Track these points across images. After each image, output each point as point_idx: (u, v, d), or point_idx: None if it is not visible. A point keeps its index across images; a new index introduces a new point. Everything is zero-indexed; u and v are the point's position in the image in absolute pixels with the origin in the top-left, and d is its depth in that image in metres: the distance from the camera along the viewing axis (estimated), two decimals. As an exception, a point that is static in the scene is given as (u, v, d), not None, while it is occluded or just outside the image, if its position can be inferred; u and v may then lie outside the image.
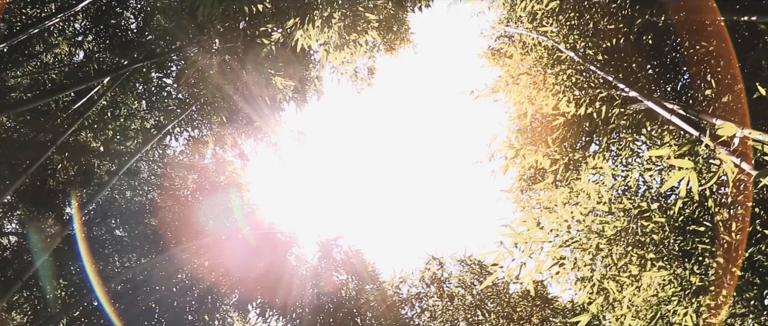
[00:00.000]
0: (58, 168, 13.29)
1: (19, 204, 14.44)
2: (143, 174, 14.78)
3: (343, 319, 14.66)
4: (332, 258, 15.56)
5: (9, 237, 15.46)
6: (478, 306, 13.51)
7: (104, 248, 13.69)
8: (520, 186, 11.15)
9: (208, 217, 14.56)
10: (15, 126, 12.93)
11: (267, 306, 14.82)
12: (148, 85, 12.89)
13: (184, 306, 13.91)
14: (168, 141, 14.43)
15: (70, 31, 12.70)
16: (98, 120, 13.43)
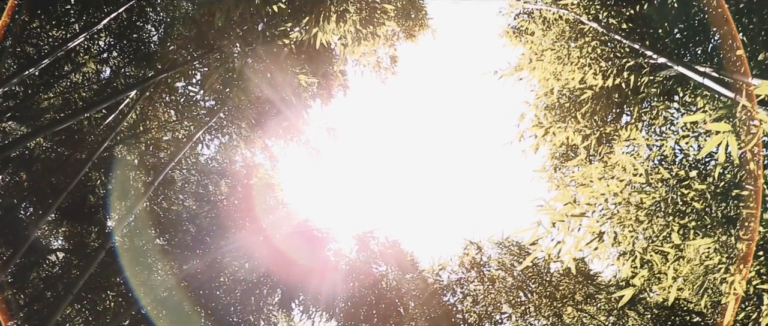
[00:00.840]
0: (96, 183, 13.61)
1: (63, 221, 14.87)
2: (178, 183, 15.02)
3: (385, 310, 14.71)
4: (370, 251, 15.60)
5: (56, 254, 15.96)
6: (520, 287, 13.39)
7: (146, 257, 13.99)
8: (553, 164, 10.98)
9: (244, 220, 14.73)
10: (52, 146, 13.28)
11: (310, 302, 14.96)
12: (174, 95, 13.07)
13: (229, 308, 14.14)
14: (199, 149, 14.63)
15: (96, 49, 12.93)
16: (130, 134, 13.69)
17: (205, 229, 14.48)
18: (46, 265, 15.10)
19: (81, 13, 11.56)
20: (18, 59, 12.49)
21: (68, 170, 12.18)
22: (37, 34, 12.58)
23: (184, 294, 13.78)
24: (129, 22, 11.98)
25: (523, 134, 10.66)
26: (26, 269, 14.54)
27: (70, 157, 12.86)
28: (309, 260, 14.73)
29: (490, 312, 13.76)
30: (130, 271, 13.91)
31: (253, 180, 15.21)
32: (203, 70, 12.45)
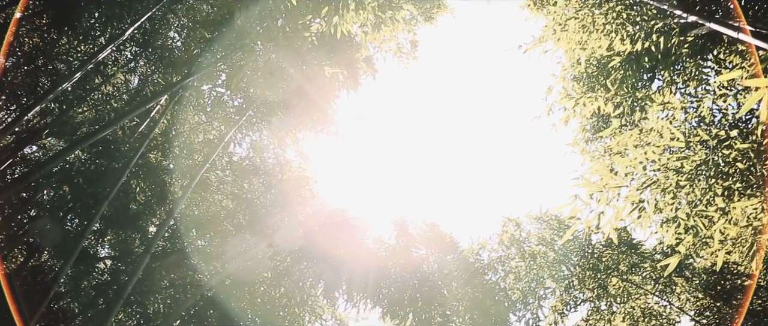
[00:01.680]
0: (135, 191, 13.92)
1: (108, 229, 15.28)
2: (214, 184, 15.25)
3: (429, 293, 14.73)
4: (409, 235, 15.61)
5: (104, 261, 16.43)
6: (562, 261, 13.26)
7: (190, 259, 14.28)
8: (584, 136, 10.77)
9: (282, 215, 14.89)
10: (89, 158, 13.61)
11: (353, 290, 15.07)
12: (202, 97, 13.24)
13: (274, 302, 14.35)
14: (232, 148, 14.80)
15: (123, 60, 13.16)
16: (163, 139, 13.93)
17: (244, 227, 14.68)
18: (95, 273, 15.56)
19: (105, 26, 11.75)
20: (50, 76, 12.80)
21: (108, 180, 12.46)
22: (66, 51, 12.86)
23: (230, 292, 14.04)
24: (152, 30, 12.13)
25: (551, 107, 10.46)
26: (78, 278, 15.01)
27: (108, 167, 13.15)
28: (349, 249, 14.82)
29: (534, 288, 13.67)
30: (175, 273, 14.24)
31: (286, 175, 15.33)
32: (228, 71, 12.55)
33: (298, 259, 14.52)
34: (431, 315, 14.67)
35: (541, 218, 13.73)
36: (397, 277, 14.80)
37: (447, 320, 14.60)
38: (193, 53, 12.43)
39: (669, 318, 11.98)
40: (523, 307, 13.71)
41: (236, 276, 14.02)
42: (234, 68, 12.19)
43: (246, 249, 13.98)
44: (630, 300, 12.08)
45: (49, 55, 12.83)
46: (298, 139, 14.94)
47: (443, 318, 14.60)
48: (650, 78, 8.57)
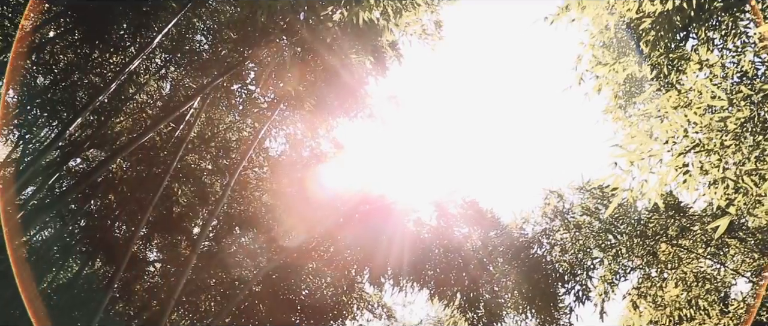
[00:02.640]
0: (178, 194, 14.24)
1: (154, 233, 15.69)
2: (252, 182, 15.45)
3: (475, 271, 14.67)
4: (450, 215, 15.52)
5: (154, 265, 16.93)
6: (608, 229, 13.00)
7: (234, 257, 14.56)
8: (618, 103, 10.46)
9: (322, 207, 14.99)
10: (131, 165, 13.96)
11: (399, 275, 15.11)
12: (233, 96, 13.38)
13: (322, 291, 14.51)
14: (267, 143, 14.92)
15: (154, 68, 13.37)
16: (199, 141, 14.15)
17: (285, 221, 14.86)
18: (146, 276, 16.06)
19: (134, 36, 11.94)
20: (87, 90, 13.12)
21: (150, 186, 12.76)
22: (99, 64, 13.15)
23: (276, 286, 14.26)
24: (179, 36, 12.28)
25: (582, 77, 10.16)
26: (130, 282, 15.49)
27: (150, 173, 13.45)
28: (391, 234, 14.84)
29: (581, 259, 13.47)
30: (222, 271, 14.53)
31: (323, 166, 15.40)
32: (256, 68, 12.63)
33: (341, 249, 14.61)
34: (479, 292, 14.62)
35: (584, 188, 13.45)
36: (441, 258, 14.77)
37: (495, 296, 14.53)
38: (221, 54, 12.54)
39: (724, 281, 11.63)
40: (571, 279, 13.54)
41: (281, 269, 14.22)
42: (262, 65, 12.26)
43: (289, 242, 14.16)
44: (681, 265, 11.76)
45: (84, 69, 13.14)
46: (331, 129, 14.97)
47: (491, 295, 14.55)
48: (684, 37, 8.23)
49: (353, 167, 15.89)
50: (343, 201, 15.31)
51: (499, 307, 14.18)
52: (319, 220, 14.70)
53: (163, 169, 12.50)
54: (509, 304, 14.37)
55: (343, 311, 14.63)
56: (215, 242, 15.16)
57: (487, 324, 13.99)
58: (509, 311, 14.44)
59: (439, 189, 16.05)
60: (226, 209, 15.34)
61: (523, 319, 14.22)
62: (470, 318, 14.25)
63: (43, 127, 14.65)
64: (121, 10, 10.52)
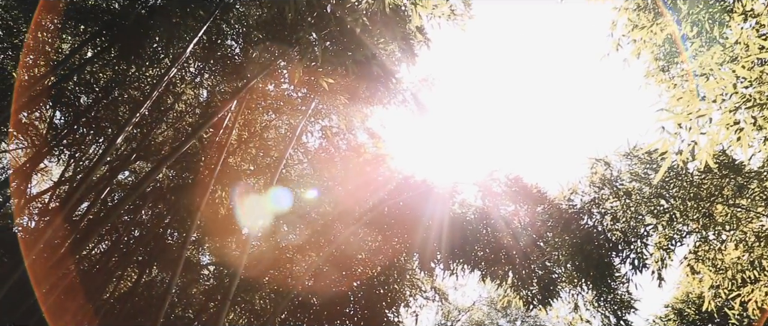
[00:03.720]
0: (223, 197, 14.50)
1: (205, 238, 16.07)
2: (293, 178, 15.62)
3: (525, 248, 14.54)
4: (494, 194, 15.38)
5: (207, 268, 17.35)
6: (659, 195, 12.66)
7: (284, 254, 14.77)
8: (659, 65, 10.10)
9: (365, 199, 15.05)
10: (176, 174, 14.28)
11: (449, 258, 15.08)
12: (267, 96, 13.51)
13: (373, 281, 14.60)
14: (304, 139, 15.03)
15: (189, 76, 13.59)
16: (239, 143, 14.36)
17: (330, 215, 14.98)
18: (201, 280, 16.49)
19: (167, 48, 12.15)
20: (128, 105, 13.45)
21: (196, 191, 13.01)
22: (137, 78, 13.45)
23: (329, 278, 14.41)
24: (210, 42, 12.44)
25: (619, 42, 9.85)
26: (187, 287, 15.92)
27: (195, 179, 13.73)
28: (437, 218, 14.81)
29: (634, 227, 13.18)
30: (274, 269, 14.76)
31: (362, 157, 15.43)
32: (288, 66, 12.70)
33: (389, 237, 14.66)
34: (531, 269, 14.48)
35: (631, 154, 13.10)
36: (489, 238, 14.67)
37: (549, 272, 14.37)
38: (252, 56, 12.64)
39: (788, 238, 11.20)
40: (625, 248, 13.27)
41: (331, 262, 14.36)
42: (293, 62, 12.31)
43: (336, 235, 14.26)
44: (740, 226, 11.37)
45: (123, 84, 13.46)
46: (366, 119, 14.97)
47: (544, 271, 14.39)
48: (726, -11, 7.89)
49: (392, 155, 15.87)
50: (386, 190, 15.33)
51: (553, 282, 14.02)
52: (364, 211, 14.77)
53: (207, 174, 12.72)
54: (563, 278, 14.19)
55: (396, 299, 14.69)
56: (263, 241, 15.42)
57: (542, 301, 13.86)
58: (564, 285, 14.26)
59: (482, 168, 15.90)
60: (272, 208, 15.56)
61: (578, 292, 14.04)
62: (524, 296, 14.14)
63: (90, 144, 15.10)
64: (152, 24, 10.71)
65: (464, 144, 27.94)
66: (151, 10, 11.39)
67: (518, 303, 14.39)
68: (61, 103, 13.67)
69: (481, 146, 36.80)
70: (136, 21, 10.74)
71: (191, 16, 11.14)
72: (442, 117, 27.04)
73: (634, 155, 13.24)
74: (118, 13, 11.27)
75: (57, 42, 12.81)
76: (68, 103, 13.63)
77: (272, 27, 11.48)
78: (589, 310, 13.95)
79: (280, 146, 14.48)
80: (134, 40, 10.67)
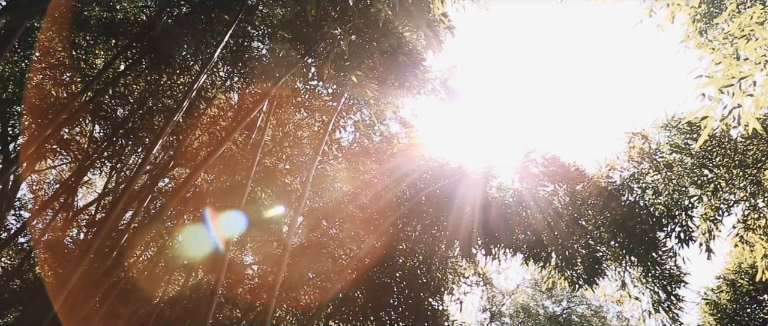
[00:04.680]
0: (261, 197, 14.72)
1: (247, 238, 16.36)
2: (329, 174, 15.73)
3: (566, 227, 14.36)
4: (532, 175, 15.22)
5: (251, 267, 17.68)
6: (702, 164, 12.32)
7: (326, 248, 14.91)
8: (697, 28, 9.76)
9: (403, 190, 15.06)
10: (214, 177, 14.54)
11: (489, 243, 15.00)
12: (297, 95, 13.62)
13: (415, 271, 14.60)
14: (337, 135, 15.10)
15: (219, 81, 13.79)
16: (273, 143, 14.53)
17: (368, 207, 15.04)
18: (246, 279, 16.80)
19: (196, 54, 12.35)
20: (162, 114, 13.73)
21: (235, 193, 13.22)
22: (169, 87, 13.72)
23: (372, 271, 14.48)
24: (237, 46, 12.59)
25: (651, 8, 9.56)
26: (232, 287, 16.24)
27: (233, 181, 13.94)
28: (475, 203, 14.73)
29: (677, 199, 12.87)
30: (317, 264, 14.91)
31: (395, 148, 15.43)
32: (315, 63, 12.76)
33: (428, 226, 14.65)
34: (574, 249, 14.29)
35: (669, 125, 12.77)
36: (530, 220, 14.53)
37: (592, 250, 14.16)
38: (280, 56, 12.74)
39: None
40: (669, 221, 12.97)
41: (373, 255, 14.43)
42: (320, 58, 12.38)
43: (375, 227, 14.32)
44: (791, 191, 10.98)
45: (156, 94, 13.75)
46: (397, 109, 14.95)
47: (588, 250, 14.18)
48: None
49: (426, 143, 15.82)
50: (422, 179, 15.32)
51: (598, 261, 13.81)
52: (401, 202, 14.78)
53: (244, 175, 12.91)
54: (608, 256, 13.96)
55: (439, 287, 14.68)
56: (304, 237, 15.59)
57: (588, 280, 13.67)
58: (609, 263, 14.03)
59: (517, 150, 15.73)
60: (310, 204, 15.74)
61: (624, 269, 13.80)
62: (569, 276, 13.97)
63: (130, 155, 15.48)
64: (179, 33, 10.88)
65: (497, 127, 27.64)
66: (177, 19, 11.58)
67: (563, 284, 14.23)
68: (99, 116, 14.04)
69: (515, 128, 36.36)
70: (164, 31, 10.93)
71: (216, 21, 11.29)
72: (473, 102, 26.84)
73: (672, 126, 12.92)
74: (146, 25, 11.49)
75: (90, 58, 13.15)
76: (106, 116, 13.99)
77: (296, 25, 11.55)
78: (637, 287, 13.70)
79: (314, 143, 14.59)
80: (163, 49, 10.88)
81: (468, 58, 40.04)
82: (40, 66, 12.94)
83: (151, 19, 12.07)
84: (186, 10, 11.60)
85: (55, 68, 12.94)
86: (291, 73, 11.82)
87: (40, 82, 13.13)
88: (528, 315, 25.20)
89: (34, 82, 13.10)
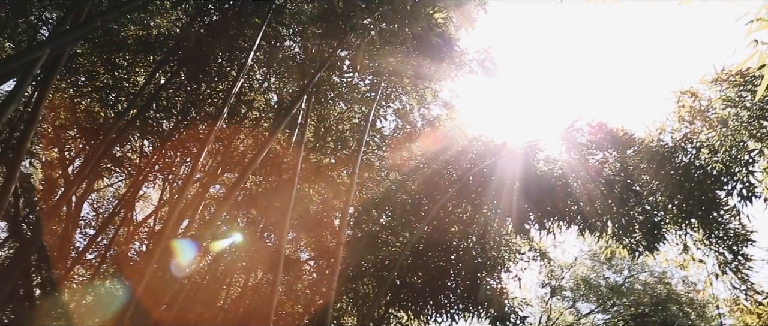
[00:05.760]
0: (310, 194, 14.97)
1: (300, 234, 16.65)
2: (374, 163, 15.78)
3: (620, 195, 14.00)
4: (579, 144, 14.87)
5: (308, 263, 18.00)
6: (760, 116, 11.76)
7: (379, 237, 15.00)
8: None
9: (449, 173, 14.99)
10: (262, 178, 14.85)
11: (542, 218, 14.79)
12: (334, 88, 13.70)
13: (471, 252, 14.52)
14: (379, 124, 15.12)
15: (256, 83, 14.00)
16: (316, 139, 14.68)
17: (417, 192, 15.04)
18: (304, 275, 17.15)
19: (231, 60, 12.56)
20: (205, 122, 14.07)
21: (284, 192, 13.43)
22: (209, 95, 14.02)
23: (426, 256, 14.49)
24: (270, 47, 12.73)
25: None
26: (292, 283, 16.60)
27: (280, 180, 14.21)
28: (523, 179, 14.52)
29: (735, 156, 12.34)
30: (372, 254, 15.01)
31: (438, 131, 15.34)
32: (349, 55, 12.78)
33: (478, 206, 14.53)
34: (630, 216, 13.92)
35: (720, 79, 12.22)
36: (581, 190, 14.22)
37: (650, 216, 13.77)
38: (312, 52, 12.83)
39: None
40: (729, 179, 12.45)
41: (427, 240, 14.44)
42: (353, 50, 12.39)
43: (426, 211, 14.29)
44: None
45: (197, 103, 14.08)
46: (437, 93, 14.84)
47: (645, 216, 13.80)
48: None
49: (469, 123, 15.65)
50: (468, 159, 15.18)
51: (657, 226, 13.41)
52: (449, 184, 14.70)
53: (291, 174, 13.09)
54: (667, 221, 13.53)
55: (495, 265, 14.58)
56: (356, 228, 15.73)
57: (648, 246, 13.31)
58: (669, 227, 13.61)
59: (562, 121, 15.38)
60: (358, 195, 15.86)
61: (685, 233, 13.36)
62: (628, 244, 13.63)
63: (180, 165, 15.93)
64: (212, 41, 11.07)
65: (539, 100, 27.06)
66: (208, 28, 11.78)
67: (622, 252, 13.90)
68: (146, 131, 14.49)
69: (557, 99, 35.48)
70: (197, 41, 11.14)
71: (247, 25, 11.43)
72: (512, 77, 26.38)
73: (723, 80, 12.35)
74: (180, 37, 11.74)
75: (132, 76, 13.56)
76: (152, 130, 14.42)
77: (325, 19, 11.56)
78: (700, 249, 13.26)
79: (356, 136, 14.65)
80: (199, 59, 11.10)
81: (504, 32, 39.28)
82: (87, 90, 13.43)
83: (184, 30, 12.33)
84: (216, 17, 11.79)
85: (100, 90, 13.39)
86: (326, 67, 11.86)
87: (89, 105, 13.63)
88: (589, 287, 24.72)
89: (82, 106, 13.61)
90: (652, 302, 22.76)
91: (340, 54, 12.55)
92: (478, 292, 14.11)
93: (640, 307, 23.16)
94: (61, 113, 13.73)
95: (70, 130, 14.14)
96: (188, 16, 12.81)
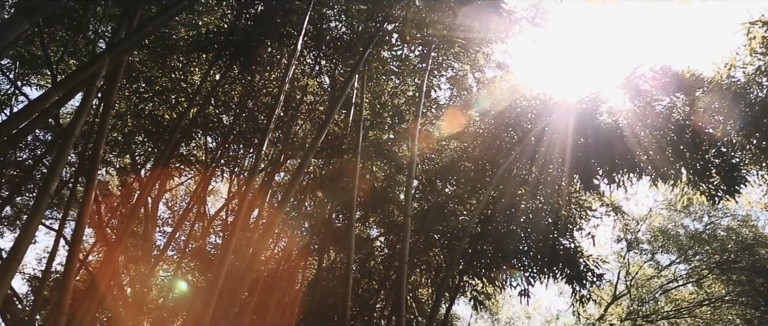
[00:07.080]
0: (375, 171, 15.10)
1: (368, 212, 16.82)
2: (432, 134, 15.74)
3: (692, 139, 13.40)
4: (643, 92, 14.27)
5: (378, 239, 18.21)
6: None
7: (445, 207, 14.98)
8: None
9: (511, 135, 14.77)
10: (324, 161, 15.07)
11: (611, 171, 14.36)
12: (385, 63, 13.65)
13: (540, 213, 14.30)
14: (434, 94, 15.00)
15: (307, 68, 14.13)
16: (372, 116, 14.73)
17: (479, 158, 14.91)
18: (376, 252, 17.38)
19: (280, 47, 12.71)
20: (263, 112, 14.34)
21: (347, 171, 13.57)
22: (263, 86, 14.27)
23: (496, 221, 14.37)
24: (316, 30, 12.77)
25: None
26: (364, 262, 16.86)
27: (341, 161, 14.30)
28: (587, 133, 14.13)
29: (819, 83, 11.55)
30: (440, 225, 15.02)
31: (495, 94, 15.06)
32: (396, 28, 12.69)
33: (543, 166, 14.25)
34: (705, 160, 13.31)
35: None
36: (650, 138, 13.69)
37: (727, 158, 13.13)
38: (359, 29, 12.79)
39: None
40: (813, 109, 11.70)
41: (494, 205, 14.32)
42: (400, 22, 12.28)
43: (491, 177, 14.14)
44: None
45: (253, 95, 14.34)
46: (488, 55, 14.50)
47: (721, 158, 13.17)
48: None
49: (525, 83, 15.26)
50: (528, 119, 14.88)
51: (735, 168, 12.78)
52: (511, 147, 14.47)
53: (352, 154, 13.19)
54: (746, 161, 12.87)
55: (567, 225, 14.33)
56: (422, 201, 15.77)
57: (728, 190, 12.72)
58: (749, 168, 12.96)
59: (622, 70, 14.78)
60: (421, 167, 15.84)
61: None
62: (705, 190, 13.07)
63: (244, 157, 16.34)
64: (259, 31, 11.20)
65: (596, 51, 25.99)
66: (254, 19, 11.92)
67: (700, 198, 13.34)
68: (208, 128, 14.91)
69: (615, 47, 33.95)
70: (245, 33, 11.30)
71: (291, 11, 11.50)
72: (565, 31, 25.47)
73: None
74: (229, 31, 11.94)
75: (188, 76, 13.94)
76: (214, 126, 14.82)
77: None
78: (786, 187, 12.56)
79: (412, 108, 14.58)
80: (249, 51, 11.26)
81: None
82: (148, 95, 13.91)
83: (232, 24, 12.53)
84: (261, 7, 11.91)
85: (161, 93, 13.85)
86: (374, 44, 11.81)
87: (152, 109, 14.13)
88: (667, 237, 23.90)
89: (146, 110, 14.13)
90: (737, 247, 21.79)
91: (387, 28, 12.46)
92: (552, 253, 13.92)
93: (725, 253, 22.22)
94: (127, 120, 14.30)
95: (137, 135, 14.72)
96: (234, 10, 13.01)
